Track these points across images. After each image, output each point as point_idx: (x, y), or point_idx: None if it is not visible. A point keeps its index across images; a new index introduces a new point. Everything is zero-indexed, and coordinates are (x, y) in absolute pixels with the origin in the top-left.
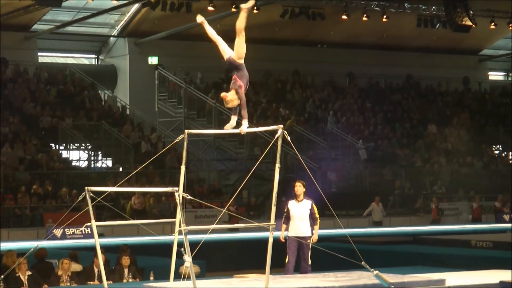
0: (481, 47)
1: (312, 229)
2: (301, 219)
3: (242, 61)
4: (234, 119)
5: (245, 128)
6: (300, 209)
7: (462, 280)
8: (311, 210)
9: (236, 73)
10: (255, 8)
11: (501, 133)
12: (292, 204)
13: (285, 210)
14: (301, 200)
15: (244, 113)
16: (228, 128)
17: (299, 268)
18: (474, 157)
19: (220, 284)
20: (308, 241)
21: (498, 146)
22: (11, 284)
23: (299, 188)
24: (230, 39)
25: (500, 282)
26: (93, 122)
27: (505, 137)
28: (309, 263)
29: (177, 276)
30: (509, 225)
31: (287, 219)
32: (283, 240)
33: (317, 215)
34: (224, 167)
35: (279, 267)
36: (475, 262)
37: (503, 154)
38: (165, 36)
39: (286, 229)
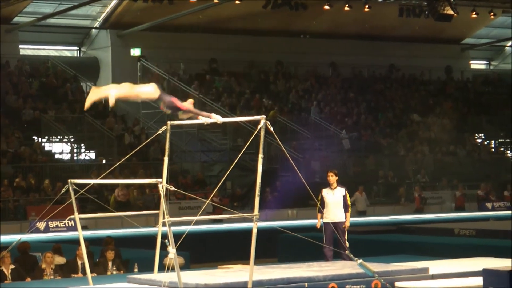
0: (463, 36)
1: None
2: (335, 205)
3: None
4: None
5: (219, 118)
6: (334, 197)
7: (445, 268)
8: (344, 197)
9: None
10: None
11: (484, 122)
12: (326, 192)
13: (319, 198)
14: (334, 188)
15: (201, 113)
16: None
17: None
18: (457, 146)
19: (205, 275)
20: (343, 226)
21: (480, 135)
22: None
23: (331, 177)
24: (212, 30)
25: (483, 269)
26: (76, 114)
27: (488, 126)
28: (347, 245)
29: (161, 268)
30: (491, 213)
31: (322, 206)
32: (319, 227)
33: (349, 202)
34: (207, 158)
35: (263, 257)
36: (458, 250)
37: (486, 143)
38: (147, 28)
39: (321, 217)
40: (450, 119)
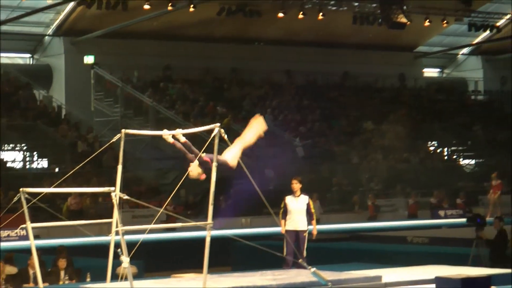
0: (416, 44)
1: (309, 224)
2: (298, 213)
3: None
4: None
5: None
6: (298, 204)
7: (398, 276)
8: (308, 205)
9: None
10: (192, 6)
11: (437, 129)
12: (289, 200)
13: (282, 205)
14: (298, 196)
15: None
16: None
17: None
18: (410, 153)
19: (157, 284)
20: (304, 234)
21: (433, 142)
22: None
23: (295, 185)
24: (166, 37)
25: (436, 277)
26: (29, 122)
27: (441, 133)
28: (304, 255)
29: (114, 277)
30: (444, 220)
31: (285, 214)
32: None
33: (313, 210)
34: (162, 166)
35: (217, 266)
36: (411, 258)
37: (439, 150)
38: (101, 35)
39: (285, 224)
40: (403, 126)
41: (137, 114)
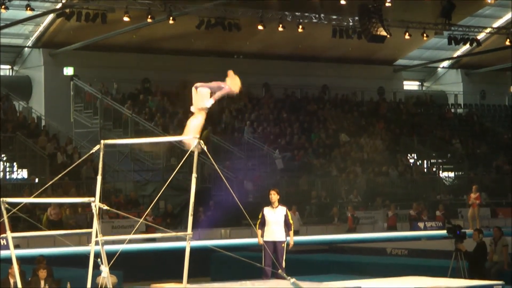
0: (395, 57)
1: (287, 234)
2: (276, 224)
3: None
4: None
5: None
6: (276, 215)
7: (377, 287)
8: (286, 216)
9: None
10: (171, 18)
11: (416, 142)
12: (267, 211)
13: (260, 216)
14: (276, 207)
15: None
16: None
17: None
18: (389, 166)
19: None
20: (283, 245)
21: (412, 155)
22: None
23: (273, 196)
24: (146, 50)
25: None
26: (8, 133)
27: (420, 146)
28: (283, 266)
29: (94, 287)
30: (423, 232)
31: (262, 225)
32: (261, 243)
33: (291, 221)
34: (140, 178)
35: (197, 276)
36: (390, 269)
37: (418, 163)
38: (80, 47)
39: (262, 235)
40: (382, 139)
41: (116, 126)
